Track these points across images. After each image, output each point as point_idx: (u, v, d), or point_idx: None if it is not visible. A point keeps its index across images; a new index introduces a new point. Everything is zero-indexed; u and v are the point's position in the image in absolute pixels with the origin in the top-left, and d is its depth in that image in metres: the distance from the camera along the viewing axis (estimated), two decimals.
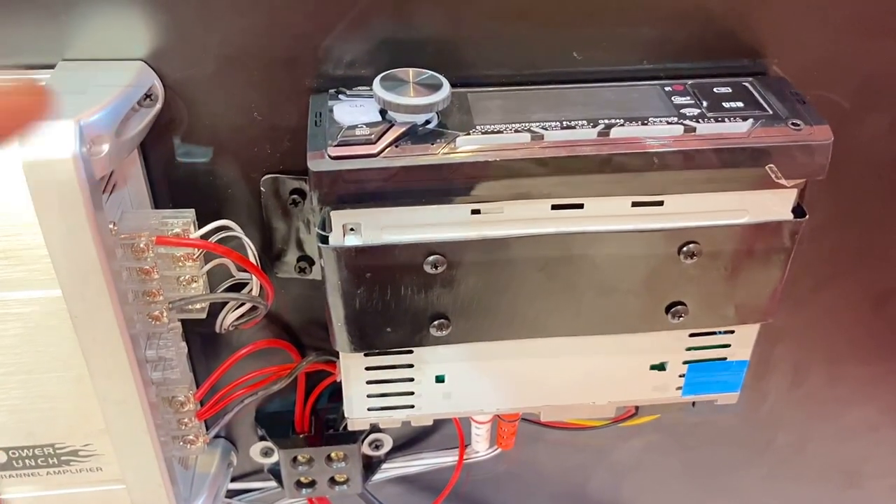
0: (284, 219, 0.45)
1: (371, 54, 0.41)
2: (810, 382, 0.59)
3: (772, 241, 0.41)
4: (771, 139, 0.38)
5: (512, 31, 0.41)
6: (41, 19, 0.38)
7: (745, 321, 0.45)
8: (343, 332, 0.42)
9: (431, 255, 0.39)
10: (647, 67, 0.43)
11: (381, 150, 0.37)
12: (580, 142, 0.37)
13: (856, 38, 0.43)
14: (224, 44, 0.40)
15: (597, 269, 0.41)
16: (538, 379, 0.46)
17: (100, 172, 0.36)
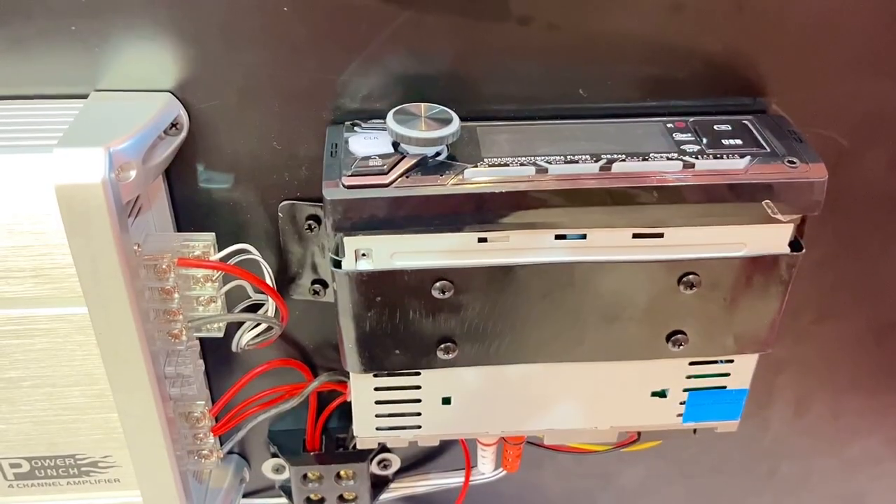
0: (300, 243, 0.47)
1: (385, 89, 0.43)
2: (813, 413, 0.60)
3: (769, 274, 0.43)
4: (767, 176, 0.39)
5: (520, 68, 0.43)
6: (76, 51, 0.40)
7: (743, 351, 0.46)
8: (353, 353, 0.44)
9: (439, 280, 0.41)
10: (649, 104, 0.44)
11: (393, 181, 0.38)
12: (583, 175, 0.39)
13: (854, 77, 0.44)
14: (246, 77, 0.42)
15: (599, 297, 0.43)
16: (542, 403, 0.47)
17: (127, 197, 0.38)
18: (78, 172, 0.36)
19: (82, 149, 0.36)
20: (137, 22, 0.40)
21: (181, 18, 0.40)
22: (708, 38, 0.42)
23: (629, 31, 0.42)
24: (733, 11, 0.42)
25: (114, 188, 0.37)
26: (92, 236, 0.37)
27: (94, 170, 0.36)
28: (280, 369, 0.52)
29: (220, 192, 0.45)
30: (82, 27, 0.40)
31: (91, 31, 0.40)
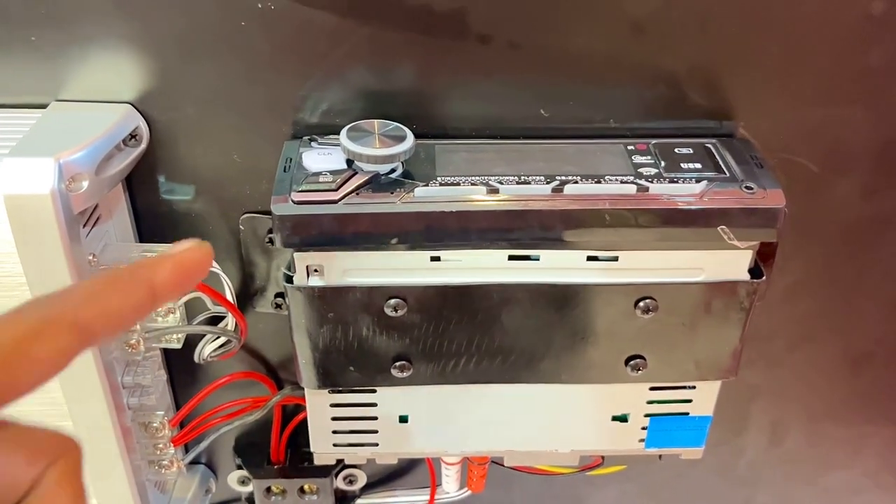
0: (263, 256, 0.47)
1: (345, 104, 0.43)
2: (789, 441, 0.59)
3: (729, 301, 0.42)
4: (722, 201, 0.39)
5: (480, 86, 0.42)
6: (36, 62, 0.41)
7: (705, 377, 0.45)
8: (308, 369, 0.43)
9: (392, 298, 0.41)
10: (613, 126, 0.44)
11: (342, 197, 0.38)
12: (534, 197, 0.39)
13: (824, 103, 0.44)
14: (206, 89, 0.42)
15: (555, 319, 0.42)
16: (501, 424, 0.47)
17: (78, 207, 0.38)
18: (26, 182, 0.36)
19: (31, 159, 0.36)
20: (97, 33, 0.40)
21: (141, 31, 0.40)
22: (672, 59, 0.42)
23: (591, 50, 0.41)
24: (697, 33, 0.41)
25: (63, 198, 0.37)
26: (42, 246, 0.38)
27: (42, 180, 0.36)
28: (245, 381, 0.52)
29: (181, 203, 0.46)
30: (42, 38, 0.40)
31: (51, 42, 0.40)
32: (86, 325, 0.23)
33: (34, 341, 0.21)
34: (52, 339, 0.22)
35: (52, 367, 0.22)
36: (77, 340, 0.22)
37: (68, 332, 0.22)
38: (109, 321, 0.24)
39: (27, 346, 0.21)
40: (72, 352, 0.22)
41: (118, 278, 0.25)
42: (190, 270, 0.26)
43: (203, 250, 0.27)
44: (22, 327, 0.22)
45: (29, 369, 0.21)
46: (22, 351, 0.21)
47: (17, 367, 0.21)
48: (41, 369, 0.22)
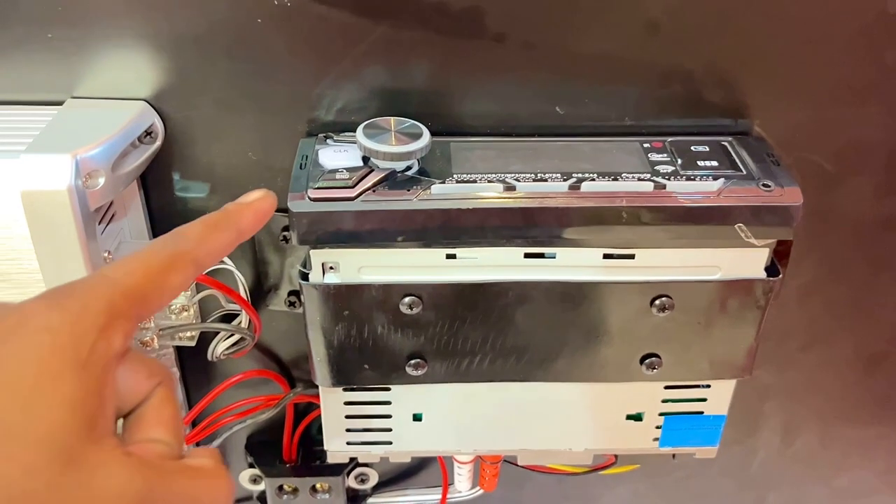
0: (277, 254, 0.47)
1: (360, 102, 0.43)
2: (802, 441, 0.58)
3: (745, 299, 0.42)
4: (740, 199, 0.39)
5: (496, 85, 0.42)
6: (52, 59, 0.41)
7: (720, 376, 0.45)
8: (322, 367, 0.43)
9: (407, 296, 0.41)
10: (628, 124, 0.44)
11: (359, 195, 0.38)
12: (550, 194, 0.39)
13: (838, 102, 0.44)
14: (221, 87, 0.42)
15: (571, 317, 0.42)
16: (515, 423, 0.47)
17: (94, 204, 0.38)
18: (44, 179, 0.36)
19: (49, 155, 0.36)
20: (114, 31, 0.40)
21: (157, 29, 0.40)
22: (687, 58, 0.42)
23: (606, 49, 0.41)
24: (712, 31, 0.41)
25: (80, 195, 0.37)
26: (58, 243, 0.38)
27: (60, 176, 0.36)
28: (257, 380, 0.52)
29: (195, 201, 0.46)
30: (59, 35, 0.40)
31: (67, 40, 0.40)
32: (200, 260, 0.30)
33: (170, 271, 0.28)
34: (182, 271, 0.29)
35: (178, 291, 0.29)
36: (194, 272, 0.30)
37: (192, 264, 0.29)
38: (213, 257, 0.31)
39: (164, 276, 0.28)
40: (191, 281, 0.30)
41: (218, 223, 0.32)
42: (262, 215, 0.34)
43: (271, 198, 0.34)
44: (159, 260, 0.28)
45: (165, 293, 0.28)
46: (161, 279, 0.28)
47: (158, 291, 0.28)
48: (172, 294, 0.29)
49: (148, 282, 0.27)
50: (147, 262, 0.28)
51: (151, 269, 0.28)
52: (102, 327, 0.25)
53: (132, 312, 0.27)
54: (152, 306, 0.28)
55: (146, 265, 0.28)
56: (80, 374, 0.24)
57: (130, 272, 0.27)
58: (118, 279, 0.27)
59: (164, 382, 0.29)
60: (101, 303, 0.26)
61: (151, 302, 0.28)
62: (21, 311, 0.25)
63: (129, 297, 0.27)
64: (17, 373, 0.24)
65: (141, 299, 0.27)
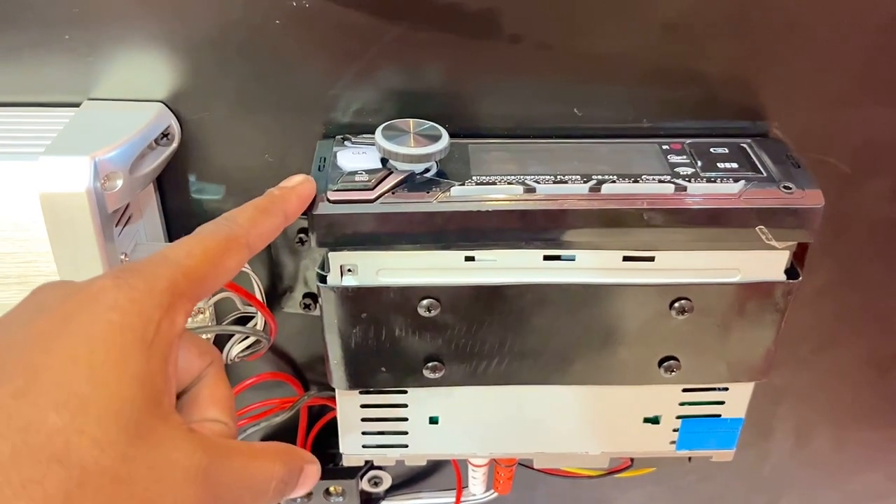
0: (292, 256, 0.47)
1: (377, 104, 0.42)
2: (815, 445, 0.58)
3: (764, 301, 0.42)
4: (761, 201, 0.39)
5: (513, 86, 0.42)
6: (69, 61, 0.40)
7: (738, 379, 0.45)
8: (339, 370, 0.43)
9: (426, 298, 0.41)
10: (646, 126, 0.44)
11: (379, 196, 0.38)
12: (571, 196, 0.38)
13: (856, 103, 0.43)
14: (238, 89, 0.42)
15: (589, 320, 0.42)
16: (532, 426, 0.47)
17: (112, 206, 0.38)
18: (62, 181, 0.36)
19: (67, 157, 0.36)
20: (130, 33, 0.40)
21: (174, 30, 0.40)
22: (705, 59, 0.42)
23: (622, 50, 0.41)
24: (733, 34, 0.41)
25: (99, 197, 0.37)
26: (76, 245, 0.37)
27: (78, 178, 0.36)
28: (271, 382, 0.52)
29: (211, 203, 0.45)
30: (75, 37, 0.40)
31: (84, 41, 0.40)
32: (252, 243, 0.32)
33: (226, 254, 0.30)
34: (237, 254, 0.31)
35: (233, 273, 0.31)
36: (247, 255, 0.31)
37: (246, 248, 0.31)
38: (263, 240, 0.33)
39: (221, 258, 0.30)
40: (244, 262, 0.31)
41: (266, 208, 0.33)
42: (305, 199, 0.36)
43: (311, 182, 0.36)
44: (216, 243, 0.30)
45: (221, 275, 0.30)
46: (218, 261, 0.30)
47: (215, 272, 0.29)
48: (227, 275, 0.30)
49: (206, 263, 0.29)
50: (205, 245, 0.30)
51: (209, 252, 0.29)
52: (167, 307, 0.27)
53: (192, 293, 0.28)
54: (210, 287, 0.29)
55: (204, 247, 0.29)
56: (146, 351, 0.26)
57: (191, 254, 0.29)
58: (180, 260, 0.28)
59: (214, 362, 0.31)
60: (165, 283, 0.27)
61: (209, 283, 0.29)
62: (89, 288, 0.26)
63: (190, 278, 0.28)
64: (88, 349, 0.25)
65: (200, 280, 0.28)
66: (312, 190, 0.36)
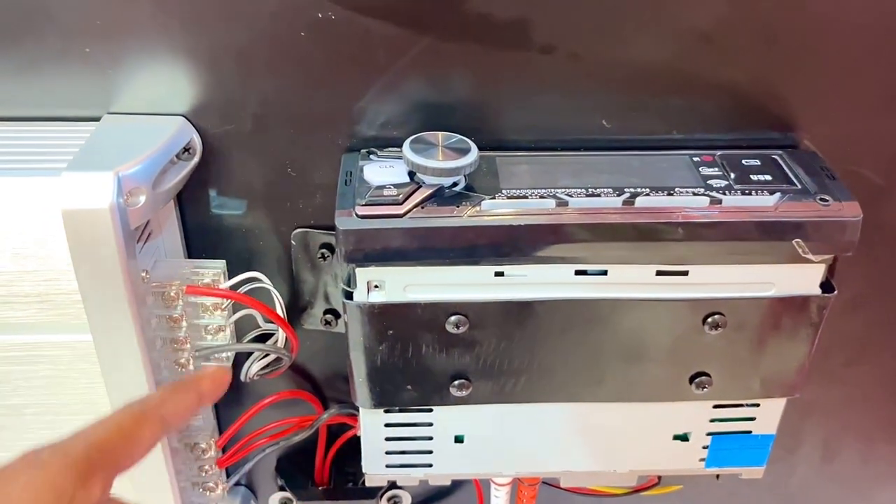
0: (313, 272, 0.46)
1: (403, 116, 0.42)
2: (842, 459, 0.57)
3: (799, 316, 0.41)
4: (798, 214, 0.38)
5: (541, 97, 0.41)
6: (89, 74, 0.40)
7: (770, 395, 0.44)
8: (363, 388, 0.42)
9: (454, 315, 0.40)
10: (676, 137, 0.43)
11: (408, 211, 0.37)
12: (605, 209, 0.38)
13: (888, 114, 0.43)
14: (261, 102, 0.41)
15: (620, 336, 0.41)
16: (559, 444, 0.46)
17: (135, 223, 0.37)
18: (85, 197, 0.35)
19: (90, 173, 0.35)
20: (152, 45, 0.39)
21: (196, 42, 0.39)
22: (736, 70, 0.41)
23: (654, 60, 0.40)
24: (764, 44, 0.40)
25: (122, 213, 0.36)
26: (98, 262, 0.37)
27: (101, 194, 0.35)
28: (289, 400, 0.51)
29: (232, 218, 0.44)
30: (96, 49, 0.39)
31: (105, 54, 0.39)
32: (166, 418, 0.33)
33: (140, 426, 0.31)
34: (150, 427, 0.32)
35: (149, 445, 0.31)
36: (162, 428, 0.32)
37: (159, 421, 0.32)
38: (178, 416, 0.34)
39: (135, 431, 0.31)
40: (160, 436, 0.33)
41: (179, 388, 0.35)
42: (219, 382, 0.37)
43: (225, 370, 0.38)
44: (130, 417, 0.31)
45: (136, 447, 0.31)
46: (133, 433, 0.31)
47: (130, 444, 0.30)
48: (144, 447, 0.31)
49: (120, 436, 0.30)
50: (118, 420, 0.31)
51: (123, 425, 0.31)
52: (83, 479, 0.27)
53: (108, 465, 0.29)
54: (126, 459, 0.30)
55: (118, 422, 0.31)
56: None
57: (105, 429, 0.30)
58: (92, 436, 0.29)
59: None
60: (79, 458, 0.28)
61: (124, 455, 0.30)
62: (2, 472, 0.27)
63: (104, 451, 0.29)
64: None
65: (113, 452, 0.30)
66: (227, 375, 0.38)
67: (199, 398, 0.36)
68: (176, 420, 0.34)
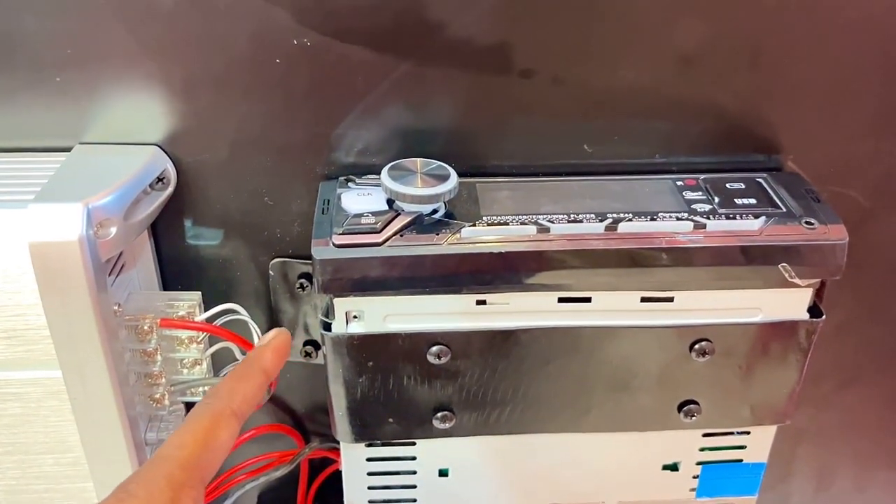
0: (292, 302, 0.45)
1: (382, 143, 0.41)
2: (837, 487, 0.56)
3: (787, 341, 0.40)
4: (783, 238, 0.37)
5: (522, 123, 0.41)
6: (60, 103, 0.39)
7: (760, 422, 0.43)
8: (344, 422, 0.41)
9: (435, 345, 0.39)
10: (658, 161, 0.42)
11: (386, 240, 0.37)
12: (587, 235, 0.37)
13: (874, 136, 0.42)
14: (237, 130, 0.40)
15: (605, 364, 0.40)
16: (545, 476, 0.45)
17: (106, 255, 0.36)
18: (53, 229, 0.34)
19: (59, 204, 0.35)
20: (125, 74, 0.39)
21: (170, 70, 0.39)
22: (719, 93, 0.41)
23: (636, 84, 0.40)
24: (746, 67, 0.40)
25: (91, 246, 0.35)
26: (68, 296, 0.35)
27: (70, 226, 0.34)
28: (270, 435, 0.50)
29: (208, 248, 0.44)
30: (68, 79, 0.38)
31: (77, 83, 0.39)
32: (238, 411, 0.33)
33: (215, 430, 0.31)
34: (226, 427, 0.32)
35: (228, 445, 0.32)
36: (236, 423, 0.32)
37: (233, 417, 0.32)
38: (249, 404, 0.34)
39: (212, 436, 0.31)
40: (237, 431, 0.32)
41: (244, 374, 0.35)
42: (282, 351, 0.36)
43: (284, 334, 0.37)
44: (203, 425, 0.31)
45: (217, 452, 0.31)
46: (210, 440, 0.31)
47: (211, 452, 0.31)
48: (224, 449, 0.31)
49: (199, 447, 0.30)
50: (193, 430, 0.31)
51: (199, 435, 0.31)
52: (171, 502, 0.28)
53: (194, 479, 0.29)
54: (211, 467, 0.31)
55: (193, 432, 0.31)
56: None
57: (182, 445, 0.30)
58: (172, 454, 0.30)
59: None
60: (163, 482, 0.28)
61: (208, 464, 0.30)
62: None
63: (187, 467, 0.29)
64: None
65: (197, 465, 0.30)
66: (287, 340, 0.37)
67: (265, 376, 0.35)
68: (248, 409, 0.34)
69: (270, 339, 0.37)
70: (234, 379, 0.34)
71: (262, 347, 0.36)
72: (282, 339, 0.37)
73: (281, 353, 0.36)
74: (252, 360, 0.36)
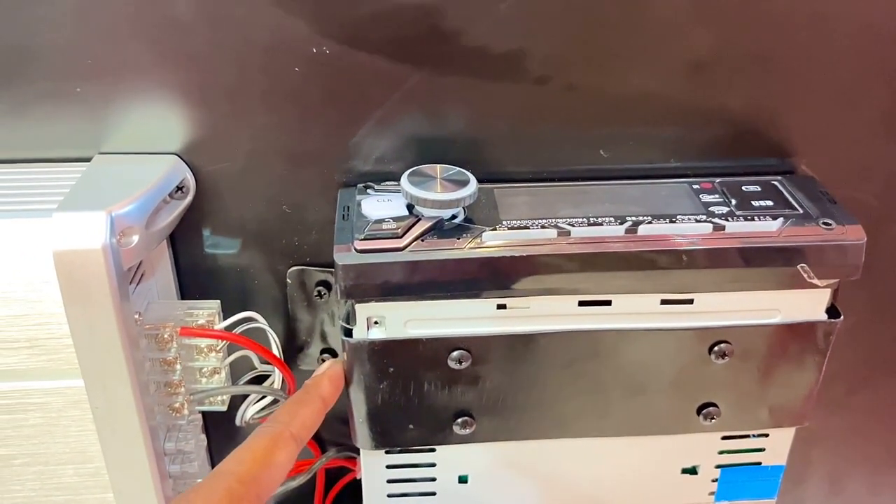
0: (309, 310, 0.45)
1: (399, 150, 0.41)
2: (850, 490, 0.56)
3: (806, 342, 0.40)
4: (802, 239, 0.37)
5: (538, 129, 0.41)
6: (80, 114, 0.39)
7: (779, 424, 0.43)
8: (364, 428, 0.41)
9: (456, 350, 0.39)
10: (673, 165, 0.43)
11: (408, 245, 0.37)
12: (607, 238, 0.37)
13: (886, 137, 0.43)
14: (255, 139, 0.40)
15: (625, 367, 0.40)
16: (565, 481, 0.44)
17: (128, 263, 0.36)
18: (77, 237, 0.34)
19: (82, 213, 0.35)
20: (144, 84, 0.39)
21: (188, 80, 0.39)
22: (732, 97, 0.41)
23: (650, 90, 0.40)
24: (758, 71, 0.40)
25: (115, 254, 0.35)
26: (90, 305, 0.35)
27: (94, 235, 0.34)
28: None
29: (226, 257, 0.44)
30: (87, 89, 0.39)
31: (96, 93, 0.39)
32: (297, 434, 0.35)
33: (274, 451, 0.33)
34: (284, 448, 0.34)
35: (285, 466, 0.34)
36: (294, 446, 0.35)
37: (291, 440, 0.34)
38: (307, 428, 0.36)
39: (270, 456, 0.33)
40: (295, 455, 0.35)
41: (302, 399, 0.37)
42: (337, 380, 0.39)
43: (339, 364, 0.39)
44: (263, 444, 0.34)
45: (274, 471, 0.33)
46: (268, 459, 0.33)
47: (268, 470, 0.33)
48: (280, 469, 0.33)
49: (257, 465, 0.32)
50: (253, 448, 0.33)
51: (258, 454, 0.33)
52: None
53: (251, 494, 0.31)
54: (267, 485, 0.33)
55: (253, 451, 0.33)
56: None
57: (241, 461, 0.32)
58: (232, 469, 0.32)
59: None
60: (222, 493, 0.30)
61: (264, 481, 0.32)
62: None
63: (246, 482, 0.31)
64: None
65: (254, 481, 0.32)
66: (342, 371, 0.39)
67: (323, 404, 0.37)
68: (307, 433, 0.36)
69: (326, 370, 0.39)
70: (294, 404, 0.37)
71: (319, 376, 0.39)
72: (336, 370, 0.39)
73: (336, 382, 0.38)
74: (310, 387, 0.38)
